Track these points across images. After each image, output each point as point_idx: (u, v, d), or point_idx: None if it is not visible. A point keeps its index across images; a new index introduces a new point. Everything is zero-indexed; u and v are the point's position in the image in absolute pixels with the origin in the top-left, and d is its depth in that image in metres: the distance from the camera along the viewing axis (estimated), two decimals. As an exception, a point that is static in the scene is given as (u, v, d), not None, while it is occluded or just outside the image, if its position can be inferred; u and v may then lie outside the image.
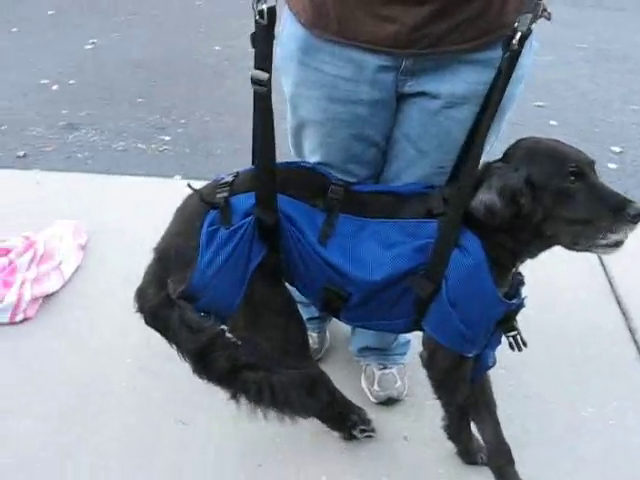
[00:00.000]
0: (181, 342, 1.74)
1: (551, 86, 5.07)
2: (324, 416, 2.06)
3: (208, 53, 5.68)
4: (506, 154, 1.70)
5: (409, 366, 2.36)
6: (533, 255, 1.74)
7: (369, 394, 2.33)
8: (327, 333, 2.53)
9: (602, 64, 5.65)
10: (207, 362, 1.72)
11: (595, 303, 2.74)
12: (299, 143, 1.97)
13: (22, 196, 3.33)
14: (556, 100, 4.87)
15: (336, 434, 2.13)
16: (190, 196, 1.81)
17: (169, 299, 1.73)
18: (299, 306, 1.88)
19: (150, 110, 4.64)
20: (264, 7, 1.55)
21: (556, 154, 1.64)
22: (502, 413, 1.95)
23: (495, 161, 1.71)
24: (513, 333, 1.81)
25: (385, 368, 2.34)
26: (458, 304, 1.68)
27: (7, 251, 2.85)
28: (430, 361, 1.86)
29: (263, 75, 1.59)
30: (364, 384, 2.36)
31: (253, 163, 1.79)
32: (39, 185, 3.47)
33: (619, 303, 2.73)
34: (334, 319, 2.00)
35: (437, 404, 1.95)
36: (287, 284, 1.85)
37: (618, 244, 1.61)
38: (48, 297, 2.71)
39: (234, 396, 1.75)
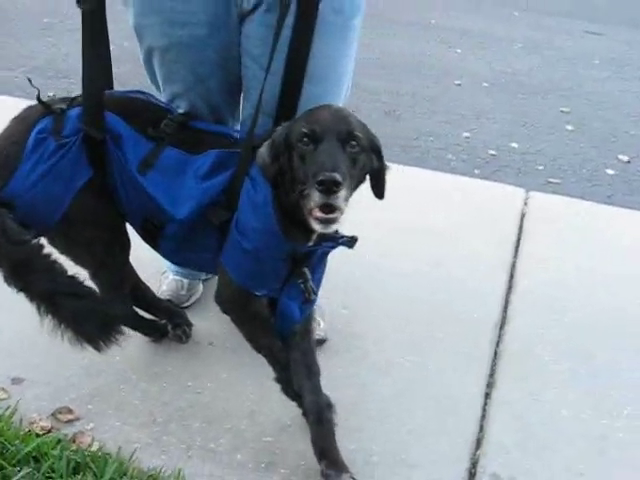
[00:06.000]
0: None
1: (589, 97, 5.09)
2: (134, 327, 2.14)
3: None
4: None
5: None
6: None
7: None
8: (200, 285, 2.48)
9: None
10: (24, 280, 1.77)
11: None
12: (152, 73, 2.00)
13: None
14: (584, 108, 4.89)
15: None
16: (32, 106, 1.83)
17: None
18: None
19: None
20: None
21: (308, 116, 1.65)
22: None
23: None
24: (300, 280, 1.80)
25: None
26: (244, 234, 1.72)
27: None
28: (219, 294, 1.89)
29: None
30: None
31: (83, 83, 1.81)
32: None
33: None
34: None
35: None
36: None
37: (324, 219, 1.56)
38: None
39: (44, 313, 1.79)
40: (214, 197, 1.76)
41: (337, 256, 2.40)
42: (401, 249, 2.83)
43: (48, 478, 1.67)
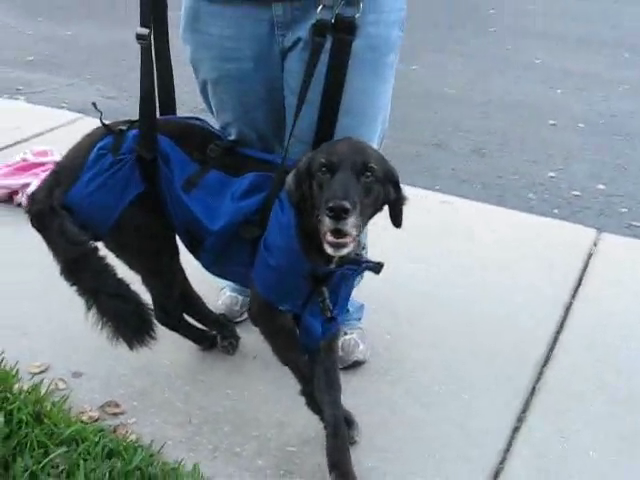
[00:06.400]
0: (57, 249, 1.98)
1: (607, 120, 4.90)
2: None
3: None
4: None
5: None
6: None
7: None
8: None
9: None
10: (76, 276, 1.99)
11: None
12: (207, 102, 2.19)
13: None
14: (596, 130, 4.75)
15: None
16: (99, 127, 2.05)
17: (53, 207, 1.95)
18: None
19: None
20: None
21: (328, 148, 1.77)
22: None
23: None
24: (320, 298, 1.89)
25: (346, 334, 2.39)
26: (270, 251, 1.84)
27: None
28: (250, 306, 2.05)
29: (144, 30, 1.94)
30: None
31: (140, 109, 2.01)
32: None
33: None
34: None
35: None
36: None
37: (335, 244, 1.66)
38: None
39: (89, 308, 2.02)
40: (247, 215, 1.92)
41: (391, 283, 2.58)
42: (454, 280, 2.88)
43: (84, 459, 1.85)
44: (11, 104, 4.81)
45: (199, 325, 2.43)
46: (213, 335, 2.44)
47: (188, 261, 2.21)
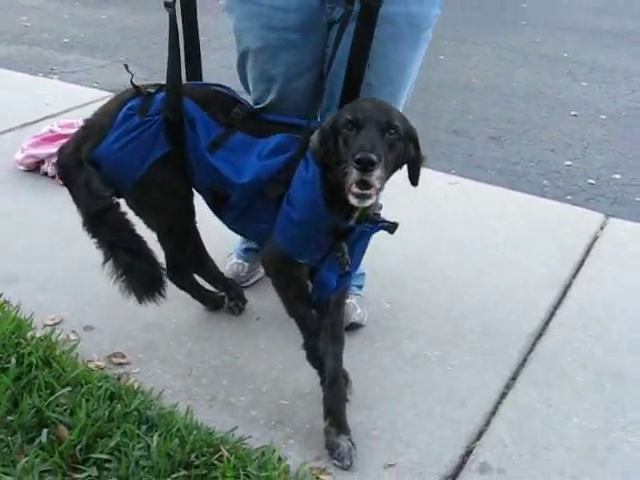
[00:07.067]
0: (80, 201, 2.10)
1: None
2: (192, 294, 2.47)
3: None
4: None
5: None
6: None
7: None
8: (261, 269, 2.60)
9: None
10: (96, 229, 2.10)
11: None
12: (243, 74, 2.25)
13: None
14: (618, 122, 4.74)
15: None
16: (130, 88, 2.14)
17: (80, 160, 2.07)
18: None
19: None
20: None
21: (353, 106, 1.86)
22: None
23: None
24: (339, 253, 1.98)
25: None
26: (293, 205, 1.93)
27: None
28: (265, 256, 2.11)
29: None
30: None
31: (167, 74, 2.10)
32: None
33: None
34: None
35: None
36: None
37: (360, 195, 1.75)
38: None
39: (105, 260, 2.14)
40: (272, 174, 2.00)
41: (396, 256, 2.73)
42: (457, 259, 2.96)
43: (86, 400, 1.98)
44: (44, 82, 4.99)
45: (208, 287, 2.55)
46: (221, 296, 2.55)
47: (201, 223, 2.32)
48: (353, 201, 1.79)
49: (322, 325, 2.09)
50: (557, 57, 6.39)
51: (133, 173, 2.10)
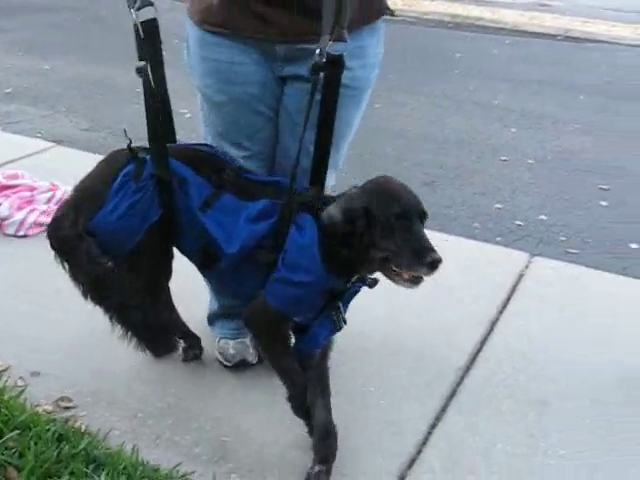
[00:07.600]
0: (81, 270, 2.14)
1: (633, 176, 5.18)
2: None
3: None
4: (364, 184, 2.06)
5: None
6: (367, 271, 2.08)
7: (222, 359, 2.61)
8: (250, 348, 2.61)
9: None
10: (101, 294, 2.16)
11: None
12: (209, 126, 2.36)
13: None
14: (625, 187, 4.97)
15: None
16: (119, 150, 2.20)
17: (79, 232, 2.10)
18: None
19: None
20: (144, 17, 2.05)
21: (393, 195, 1.98)
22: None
23: (353, 187, 2.07)
24: (334, 312, 2.10)
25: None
26: (292, 269, 2.02)
27: (33, 189, 3.59)
28: (251, 315, 2.14)
29: (141, 64, 2.08)
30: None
31: (148, 136, 2.15)
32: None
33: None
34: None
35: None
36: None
37: (415, 281, 1.95)
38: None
39: (111, 322, 2.21)
40: (259, 240, 2.07)
41: None
42: (391, 299, 3.09)
43: (35, 443, 2.06)
44: (-14, 133, 5.05)
45: None
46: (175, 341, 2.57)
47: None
48: (404, 285, 1.99)
49: (307, 378, 2.17)
50: (489, 104, 6.74)
51: (131, 239, 2.13)
